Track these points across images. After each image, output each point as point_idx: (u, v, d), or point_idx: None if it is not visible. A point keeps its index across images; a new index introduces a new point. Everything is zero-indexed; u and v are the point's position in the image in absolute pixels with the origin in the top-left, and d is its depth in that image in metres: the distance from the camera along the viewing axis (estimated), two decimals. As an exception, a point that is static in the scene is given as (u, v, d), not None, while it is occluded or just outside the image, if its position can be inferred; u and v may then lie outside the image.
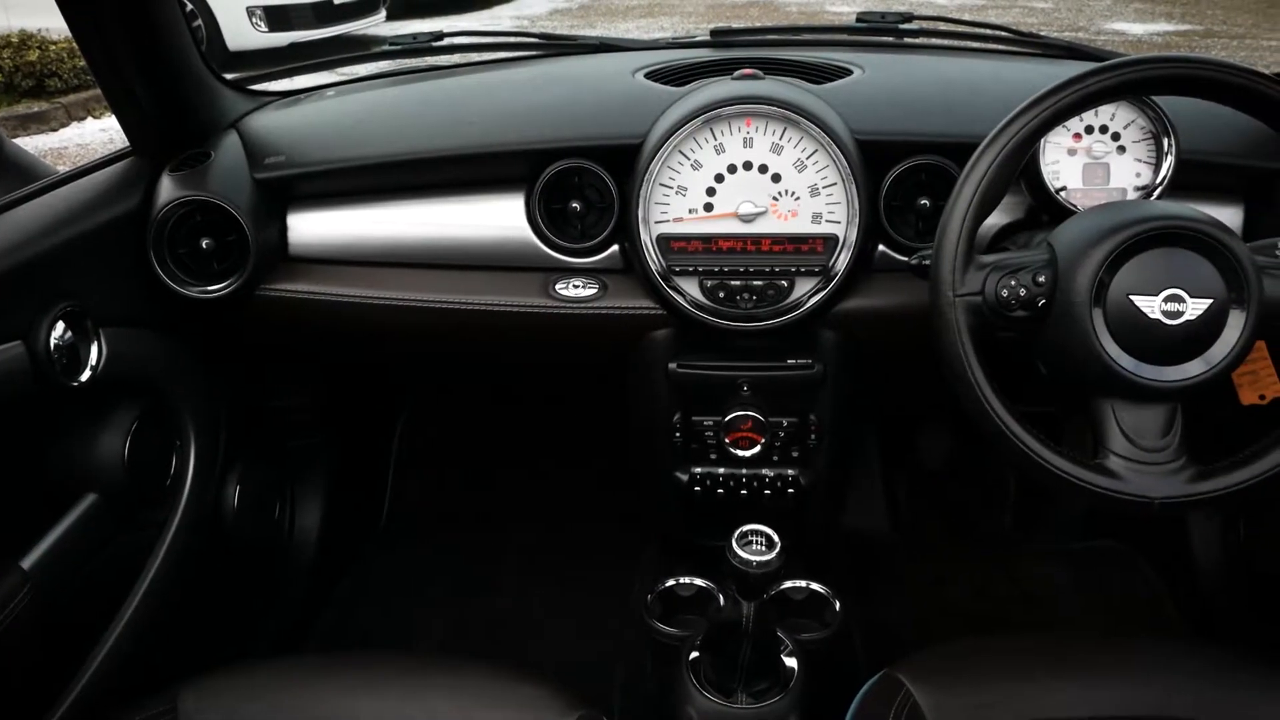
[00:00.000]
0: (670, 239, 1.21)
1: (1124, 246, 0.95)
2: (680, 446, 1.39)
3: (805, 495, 1.42)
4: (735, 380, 1.32)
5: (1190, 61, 0.96)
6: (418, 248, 1.33)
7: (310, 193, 1.34)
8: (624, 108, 1.31)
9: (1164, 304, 0.94)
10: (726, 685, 1.22)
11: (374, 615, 1.83)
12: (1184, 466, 0.97)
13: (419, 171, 1.31)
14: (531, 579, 1.89)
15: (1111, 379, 0.96)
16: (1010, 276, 0.98)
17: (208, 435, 1.36)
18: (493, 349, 1.42)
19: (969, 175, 0.99)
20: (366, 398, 2.03)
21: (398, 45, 1.57)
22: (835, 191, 1.19)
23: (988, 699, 0.99)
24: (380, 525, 2.06)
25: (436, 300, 1.29)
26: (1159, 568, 1.84)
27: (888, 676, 1.03)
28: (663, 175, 1.20)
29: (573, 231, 1.29)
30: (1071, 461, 0.97)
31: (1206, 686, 1.00)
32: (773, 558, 1.09)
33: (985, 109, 1.08)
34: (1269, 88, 0.94)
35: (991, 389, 0.98)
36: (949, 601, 1.85)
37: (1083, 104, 0.98)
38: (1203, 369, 0.95)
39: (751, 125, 1.19)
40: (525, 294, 1.28)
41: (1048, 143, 1.20)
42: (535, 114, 1.36)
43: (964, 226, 0.98)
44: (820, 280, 1.22)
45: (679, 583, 1.47)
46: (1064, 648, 1.08)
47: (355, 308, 1.31)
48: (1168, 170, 1.20)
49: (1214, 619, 1.68)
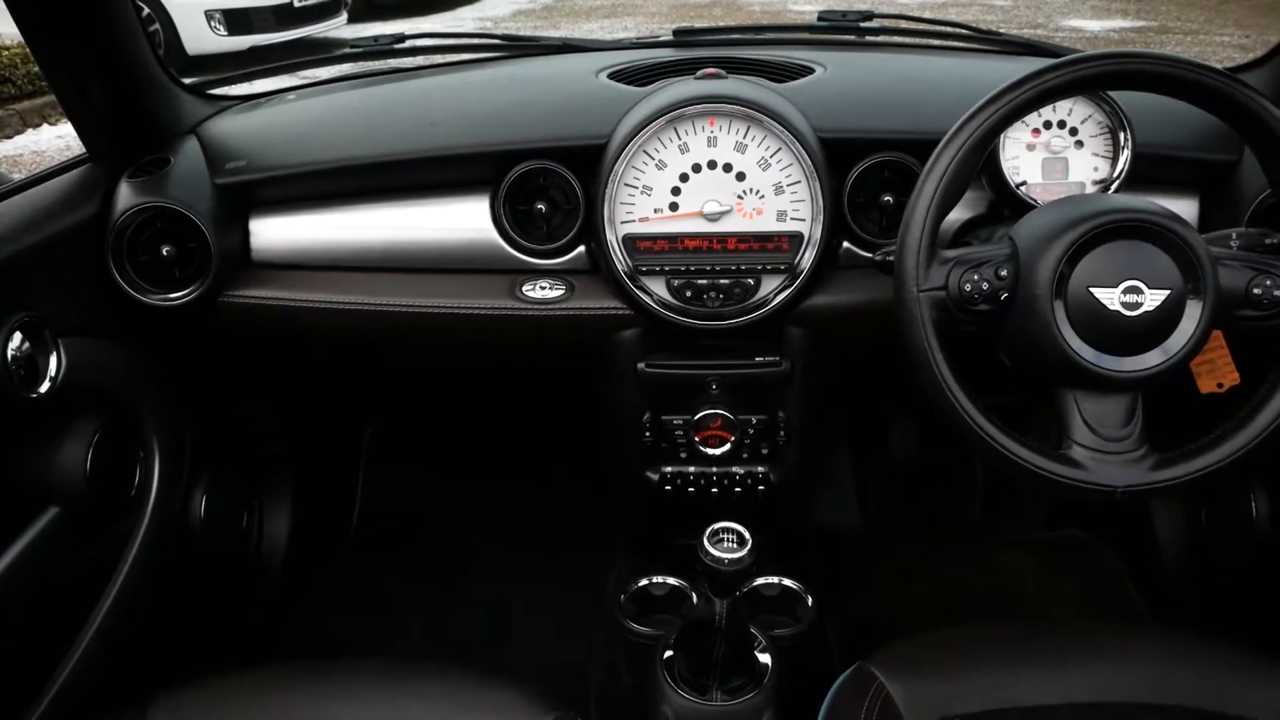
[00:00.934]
0: (636, 239, 1.21)
1: (1083, 239, 0.96)
2: (650, 446, 1.39)
3: (775, 492, 1.43)
4: (704, 379, 1.33)
5: (1143, 57, 0.97)
6: (383, 251, 1.32)
7: (272, 198, 1.33)
8: (588, 108, 1.31)
9: (1123, 295, 0.96)
10: (701, 683, 1.22)
11: (346, 623, 1.82)
12: (1145, 455, 0.98)
13: (382, 175, 1.31)
14: (504, 582, 1.89)
15: (1073, 370, 0.97)
16: (973, 271, 1.00)
17: (172, 445, 1.34)
18: (460, 352, 1.42)
19: (930, 171, 1.00)
20: (334, 404, 2.01)
21: (359, 48, 1.56)
22: (799, 189, 1.20)
23: (959, 689, 1.00)
24: (350, 532, 2.05)
25: (402, 304, 1.28)
26: (1123, 555, 1.87)
27: (860, 670, 1.04)
28: (627, 175, 1.20)
29: (539, 233, 1.29)
30: (1036, 452, 0.98)
31: (1170, 670, 1.01)
32: (744, 555, 1.09)
33: (946, 106, 1.09)
34: (1219, 82, 0.96)
35: (957, 382, 0.99)
36: (920, 593, 1.86)
37: (1040, 100, 0.99)
38: (1161, 359, 0.97)
39: (715, 124, 1.19)
40: (492, 296, 1.27)
41: (1007, 138, 1.22)
42: (499, 115, 1.35)
43: (926, 222, 0.99)
44: (786, 278, 1.22)
45: (652, 582, 1.48)
46: (1032, 636, 1.10)
47: (320, 313, 1.30)
48: (1124, 164, 1.22)
49: (1177, 604, 1.70)
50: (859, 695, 1.01)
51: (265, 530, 1.76)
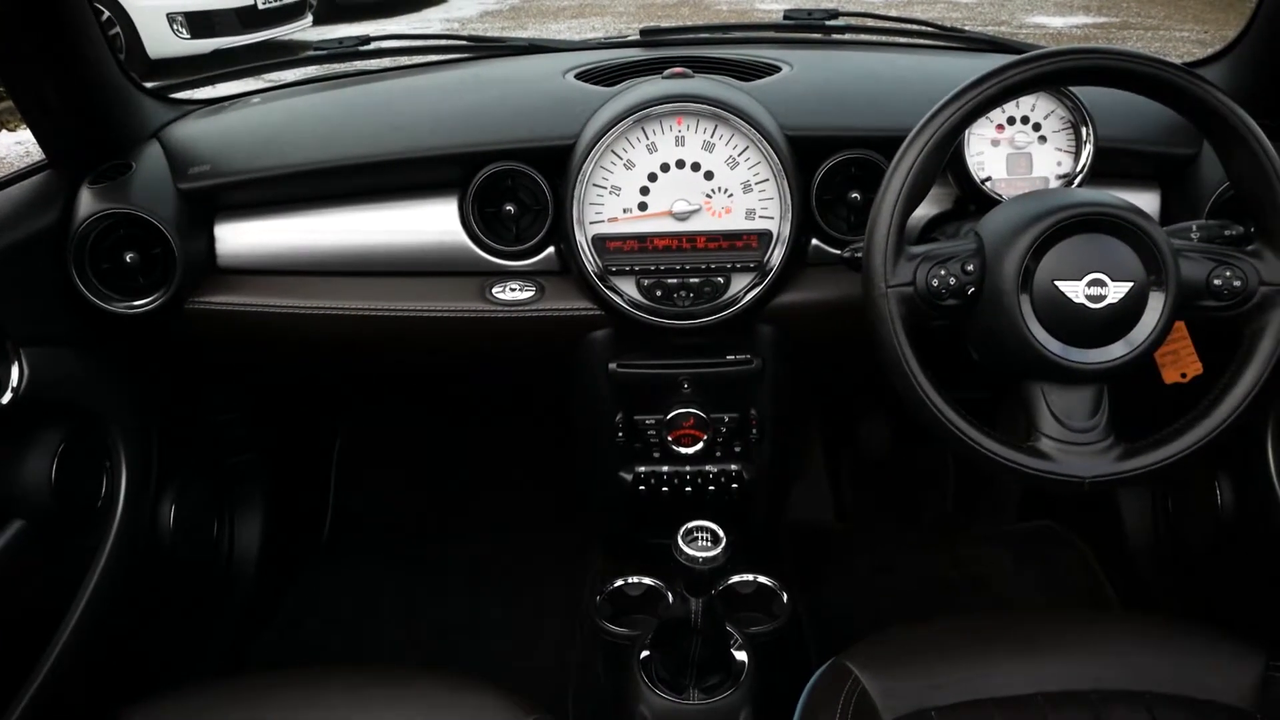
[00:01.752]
0: (605, 239, 1.21)
1: (1047, 234, 0.97)
2: (623, 446, 1.39)
3: (749, 489, 1.43)
4: (676, 378, 1.33)
5: (1103, 53, 0.99)
6: (350, 255, 1.31)
7: (237, 202, 1.31)
8: (555, 109, 1.31)
9: (1087, 288, 0.97)
10: (678, 682, 1.22)
11: (320, 631, 1.80)
12: (1112, 446, 0.99)
13: (349, 178, 1.30)
14: (480, 586, 1.88)
15: (1040, 362, 0.98)
16: (940, 266, 1.00)
17: (140, 454, 1.33)
18: (430, 356, 1.41)
19: (897, 168, 1.00)
20: (305, 410, 2.00)
21: (323, 50, 1.54)
22: (768, 187, 1.20)
23: (933, 681, 1.01)
24: (323, 539, 2.03)
25: (371, 308, 1.28)
26: (1093, 544, 1.89)
27: (836, 665, 1.04)
28: (596, 175, 1.20)
29: (508, 235, 1.29)
30: (1005, 445, 0.99)
31: (1139, 656, 1.03)
32: (718, 553, 1.09)
33: (911, 103, 1.10)
34: (1178, 76, 0.97)
35: (926, 377, 0.99)
36: (895, 587, 1.88)
37: (1003, 96, 1.00)
38: (1126, 350, 0.98)
39: (683, 124, 1.20)
40: (461, 299, 1.27)
41: (972, 134, 1.23)
42: (466, 117, 1.35)
43: (893, 218, 1.00)
44: (756, 276, 1.23)
45: (627, 582, 1.48)
46: (1005, 627, 1.11)
47: (288, 318, 1.29)
48: (1087, 158, 1.23)
49: (1145, 591, 1.73)
50: (835, 690, 1.01)
51: (236, 539, 1.75)
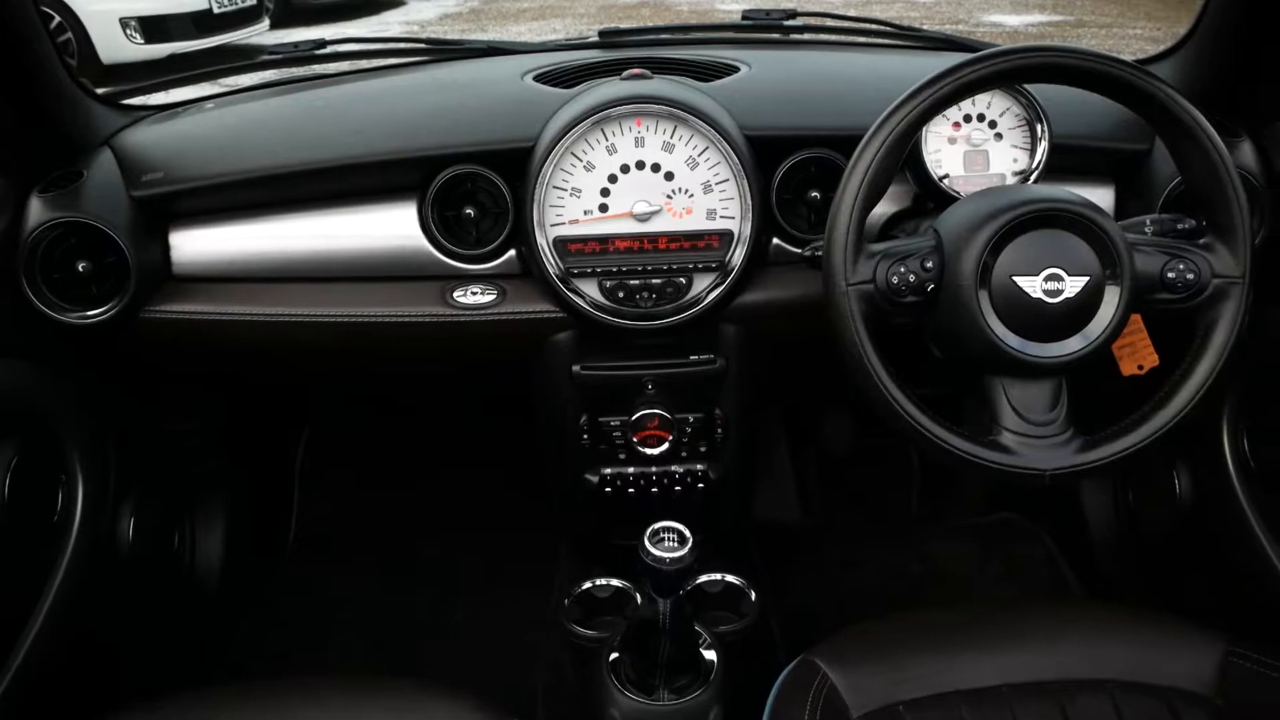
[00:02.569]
0: (567, 241, 1.21)
1: (1004, 230, 0.98)
2: (588, 448, 1.39)
3: (715, 489, 1.43)
4: (640, 379, 1.33)
5: (1056, 51, 1.00)
6: (309, 261, 1.29)
7: (193, 209, 1.30)
8: (514, 111, 1.30)
9: (1044, 283, 0.98)
10: (647, 683, 1.22)
11: (287, 640, 1.78)
12: (1071, 438, 1.01)
13: (306, 183, 1.28)
14: (448, 591, 1.87)
15: (999, 357, 0.99)
16: (899, 263, 1.01)
17: (96, 466, 1.31)
18: (392, 361, 1.40)
19: (855, 166, 1.01)
20: (266, 417, 1.97)
21: (279, 54, 1.53)
22: (728, 187, 1.21)
23: (901, 676, 1.02)
24: (287, 546, 2.01)
25: (331, 314, 1.26)
26: (1056, 536, 1.92)
27: (805, 662, 1.05)
28: (556, 178, 1.20)
29: (468, 238, 1.28)
30: (967, 439, 1.00)
31: (1102, 645, 1.04)
32: (685, 553, 1.09)
33: (868, 101, 1.10)
34: (1129, 73, 0.99)
35: (888, 374, 1.00)
36: (862, 582, 1.89)
37: (959, 94, 1.01)
38: (1083, 344, 0.99)
39: (642, 125, 1.20)
40: (422, 303, 1.26)
41: (929, 132, 1.24)
42: (424, 120, 1.34)
43: (853, 217, 1.00)
44: (718, 275, 1.23)
45: (595, 584, 1.47)
46: (971, 620, 1.12)
47: (247, 326, 1.27)
48: (1042, 155, 1.25)
49: (1107, 580, 1.75)
50: (804, 687, 1.01)
51: (199, 549, 1.72)
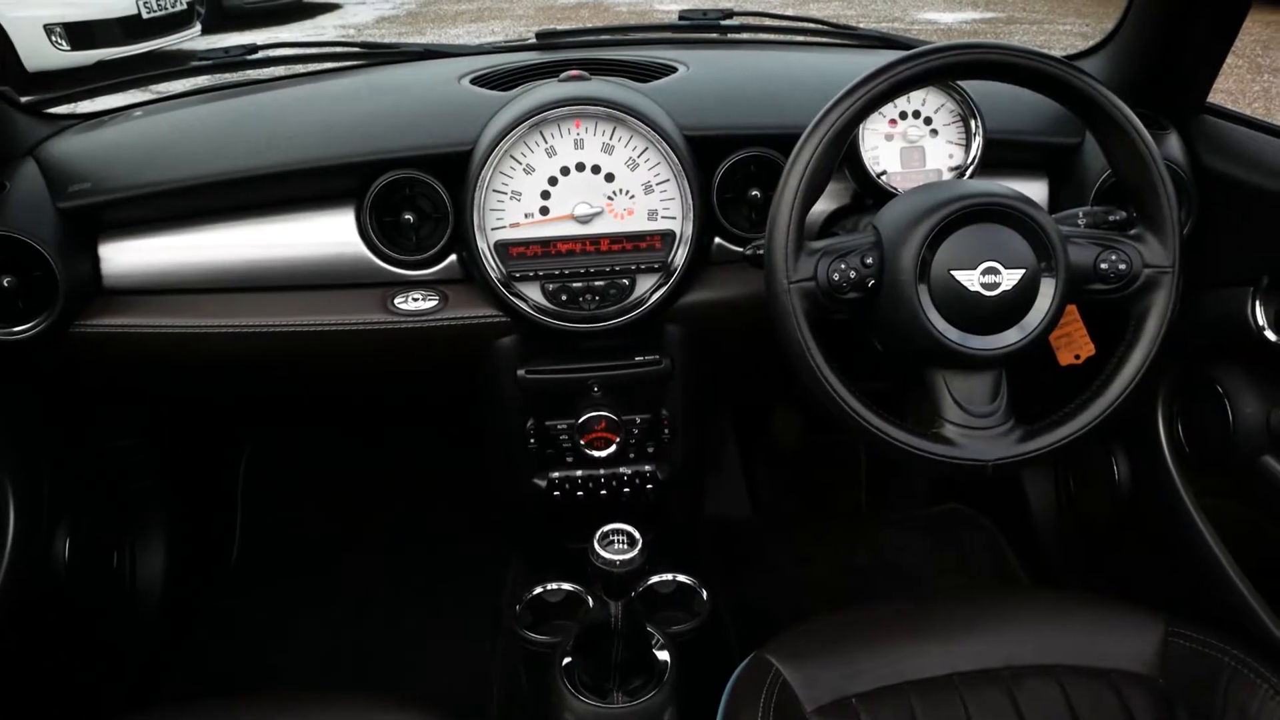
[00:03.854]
0: (508, 245, 1.20)
1: (942, 225, 0.99)
2: (535, 452, 1.38)
3: (664, 489, 1.43)
4: (585, 382, 1.32)
5: (988, 48, 1.01)
6: (246, 271, 1.27)
7: (123, 220, 1.26)
8: (451, 114, 1.29)
9: (982, 276, 0.99)
10: (601, 686, 1.22)
11: (234, 659, 1.75)
12: (1012, 428, 1.02)
13: (239, 191, 1.26)
14: (399, 603, 1.85)
15: (940, 351, 1.00)
16: (840, 260, 1.02)
17: (28, 488, 1.27)
18: (334, 370, 1.38)
19: (794, 164, 1.01)
20: (206, 430, 1.93)
21: (208, 60, 1.49)
22: (669, 188, 1.21)
23: (853, 669, 1.03)
24: (231, 562, 1.97)
25: (269, 324, 1.24)
26: (1001, 524, 1.95)
27: (757, 659, 1.05)
28: (495, 181, 1.19)
29: (408, 244, 1.26)
30: (910, 433, 1.01)
31: (1047, 631, 1.06)
32: (635, 555, 1.09)
33: (806, 100, 1.11)
34: (1058, 69, 1.01)
35: (831, 370, 1.00)
36: (813, 578, 1.90)
37: (894, 91, 1.02)
38: (1021, 335, 1.01)
39: (581, 126, 1.19)
40: (363, 311, 1.24)
41: (866, 129, 1.25)
42: (360, 125, 1.32)
43: (793, 215, 1.01)
44: (661, 276, 1.23)
45: (546, 589, 1.47)
46: (920, 612, 1.13)
47: (183, 338, 1.24)
48: (977, 150, 1.27)
49: (1051, 567, 1.78)
50: (757, 684, 1.02)
51: (139, 568, 1.68)
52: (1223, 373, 1.27)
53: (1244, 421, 1.23)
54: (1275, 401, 1.21)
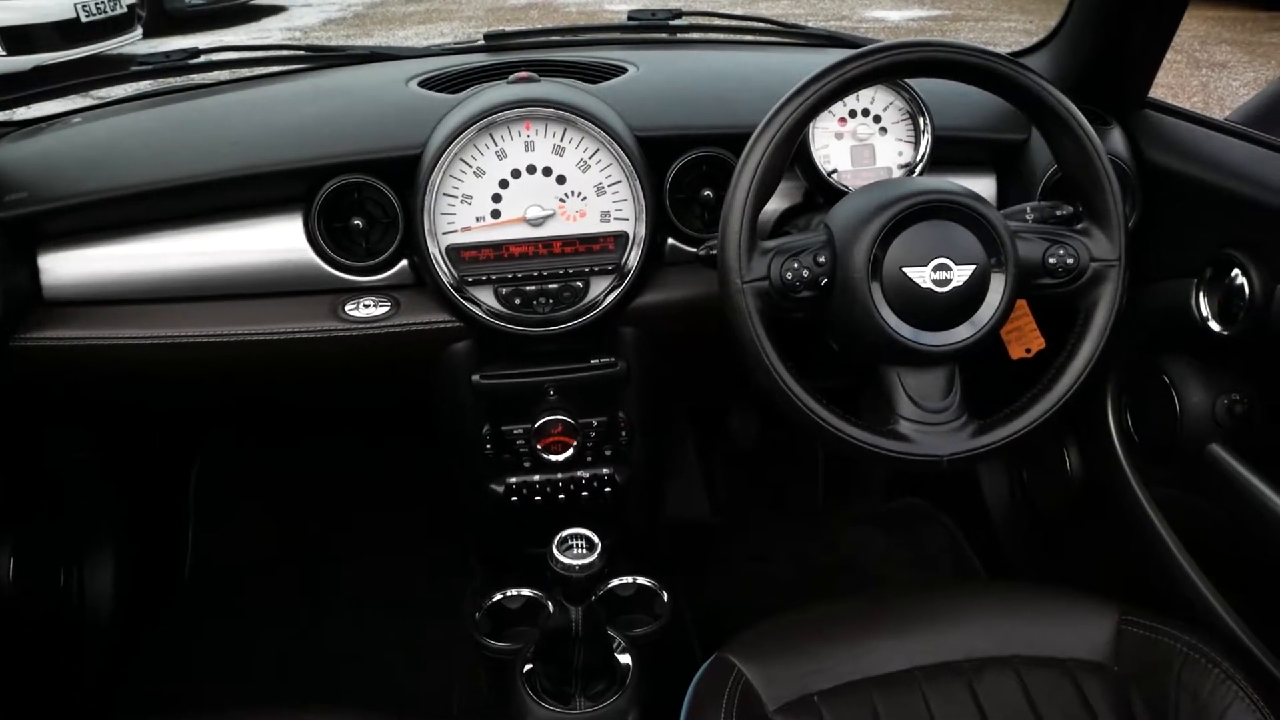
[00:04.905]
0: (460, 249, 1.19)
1: (892, 222, 1.00)
2: (492, 458, 1.36)
3: (623, 492, 1.43)
4: (541, 386, 1.31)
5: (934, 46, 1.02)
6: (191, 280, 1.24)
7: (63, 230, 1.23)
8: (399, 118, 1.28)
9: (933, 273, 1.00)
10: (563, 692, 1.21)
11: (189, 674, 1.71)
12: (966, 423, 1.03)
13: (183, 199, 1.23)
14: (356, 612, 1.82)
15: (893, 347, 1.01)
16: (793, 259, 1.02)
17: None
18: (285, 379, 1.35)
19: (745, 164, 1.01)
20: (156, 442, 1.89)
21: (149, 64, 1.46)
22: (621, 189, 1.20)
23: (813, 667, 1.03)
24: (185, 576, 1.93)
25: (216, 334, 1.22)
26: (958, 518, 1.97)
27: (719, 659, 1.05)
28: (445, 185, 1.17)
29: (358, 249, 1.24)
30: (865, 430, 1.02)
31: (1004, 623, 1.07)
32: (594, 559, 1.09)
33: (756, 99, 1.11)
34: (1003, 66, 1.02)
35: (786, 369, 1.01)
36: (773, 576, 1.91)
37: (843, 90, 1.02)
38: (972, 331, 1.01)
39: (531, 128, 1.18)
40: (313, 319, 1.22)
41: (816, 128, 1.25)
42: (306, 130, 1.30)
43: (745, 214, 1.01)
44: (615, 278, 1.22)
45: (506, 596, 1.45)
46: (880, 607, 1.14)
47: (127, 350, 1.22)
48: (926, 147, 1.28)
49: (1007, 559, 1.81)
50: (719, 685, 1.02)
51: (88, 586, 1.64)
52: (1169, 363, 1.29)
53: (1191, 411, 1.25)
54: (1221, 390, 1.23)
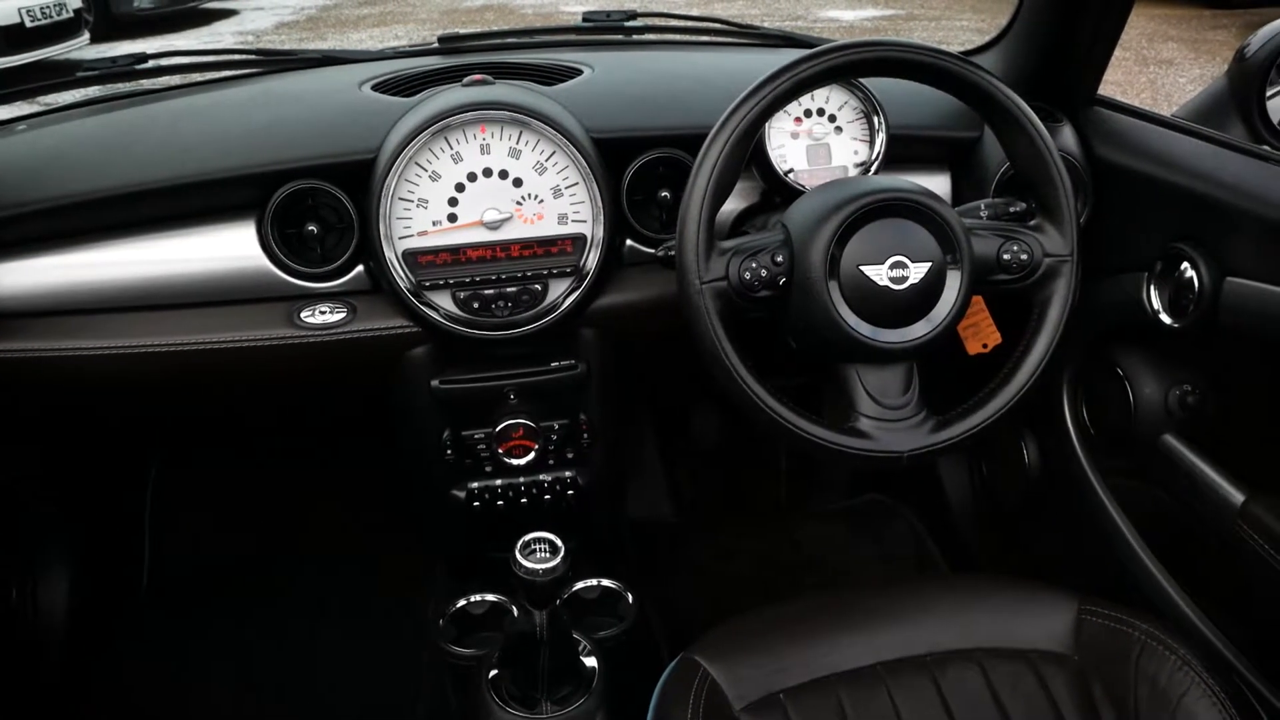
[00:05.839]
0: (417, 254, 1.18)
1: (849, 221, 1.00)
2: (453, 464, 1.35)
3: (586, 494, 1.42)
4: (501, 390, 1.30)
5: (887, 45, 1.03)
6: (142, 289, 1.22)
7: (8, 240, 1.20)
8: (353, 122, 1.26)
9: (890, 271, 1.01)
10: (529, 697, 1.21)
11: (146, 692, 1.68)
12: (925, 419, 1.04)
13: (133, 206, 1.21)
14: (318, 622, 1.80)
15: (852, 345, 1.02)
16: (751, 259, 1.02)
17: None
18: (241, 388, 1.34)
19: (701, 164, 1.01)
20: (109, 452, 1.86)
21: (94, 70, 1.43)
22: (578, 191, 1.20)
23: (779, 665, 1.03)
24: (141, 588, 1.90)
25: (170, 344, 1.19)
26: (919, 513, 1.99)
27: (685, 660, 1.05)
28: (401, 189, 1.16)
29: (313, 255, 1.23)
30: (826, 428, 1.02)
31: (966, 616, 1.08)
32: (558, 563, 1.08)
33: (712, 100, 1.11)
34: (954, 65, 1.03)
35: (746, 368, 1.01)
36: (738, 575, 1.91)
37: (797, 90, 1.03)
38: (929, 328, 1.02)
39: (486, 131, 1.17)
40: (268, 326, 1.20)
41: (772, 128, 1.26)
42: (258, 135, 1.28)
43: (702, 215, 1.01)
44: (573, 280, 1.22)
45: (470, 601, 1.45)
46: (844, 603, 1.14)
47: (79, 361, 1.19)
48: (881, 146, 1.29)
49: (969, 553, 1.82)
50: (685, 685, 1.02)
51: (40, 601, 1.61)
52: (1122, 356, 1.31)
53: (1144, 402, 1.27)
54: (1173, 382, 1.25)
